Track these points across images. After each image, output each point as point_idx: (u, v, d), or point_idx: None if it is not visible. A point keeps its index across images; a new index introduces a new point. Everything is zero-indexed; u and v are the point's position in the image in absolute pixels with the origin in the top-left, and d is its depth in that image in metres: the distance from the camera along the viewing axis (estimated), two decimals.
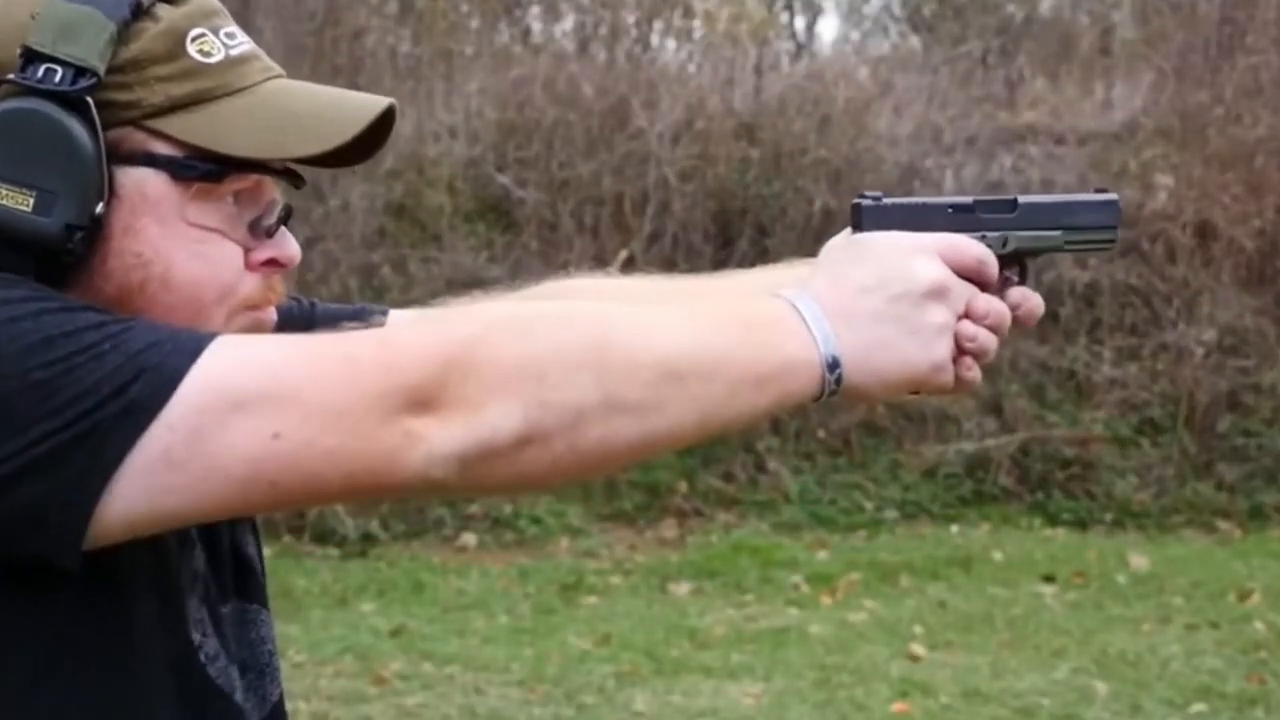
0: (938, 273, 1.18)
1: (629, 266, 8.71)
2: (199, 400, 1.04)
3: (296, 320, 1.36)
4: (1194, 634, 6.40)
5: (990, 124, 9.89)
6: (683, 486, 8.25)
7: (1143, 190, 9.64)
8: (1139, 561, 7.46)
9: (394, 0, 10.10)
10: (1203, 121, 9.59)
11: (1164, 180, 9.67)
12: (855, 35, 13.34)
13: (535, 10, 11.09)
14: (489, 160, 9.18)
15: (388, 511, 7.86)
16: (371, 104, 1.19)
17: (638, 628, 6.45)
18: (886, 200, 1.23)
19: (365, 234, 8.63)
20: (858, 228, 1.23)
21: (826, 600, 6.94)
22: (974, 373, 1.22)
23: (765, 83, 9.88)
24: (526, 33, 11.00)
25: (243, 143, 1.14)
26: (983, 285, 1.22)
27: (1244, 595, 6.91)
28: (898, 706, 5.51)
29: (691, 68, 10.45)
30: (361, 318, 1.42)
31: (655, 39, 10.60)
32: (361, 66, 9.40)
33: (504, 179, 9.04)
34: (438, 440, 1.06)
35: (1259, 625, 6.47)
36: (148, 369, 1.04)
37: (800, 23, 12.56)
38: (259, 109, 1.15)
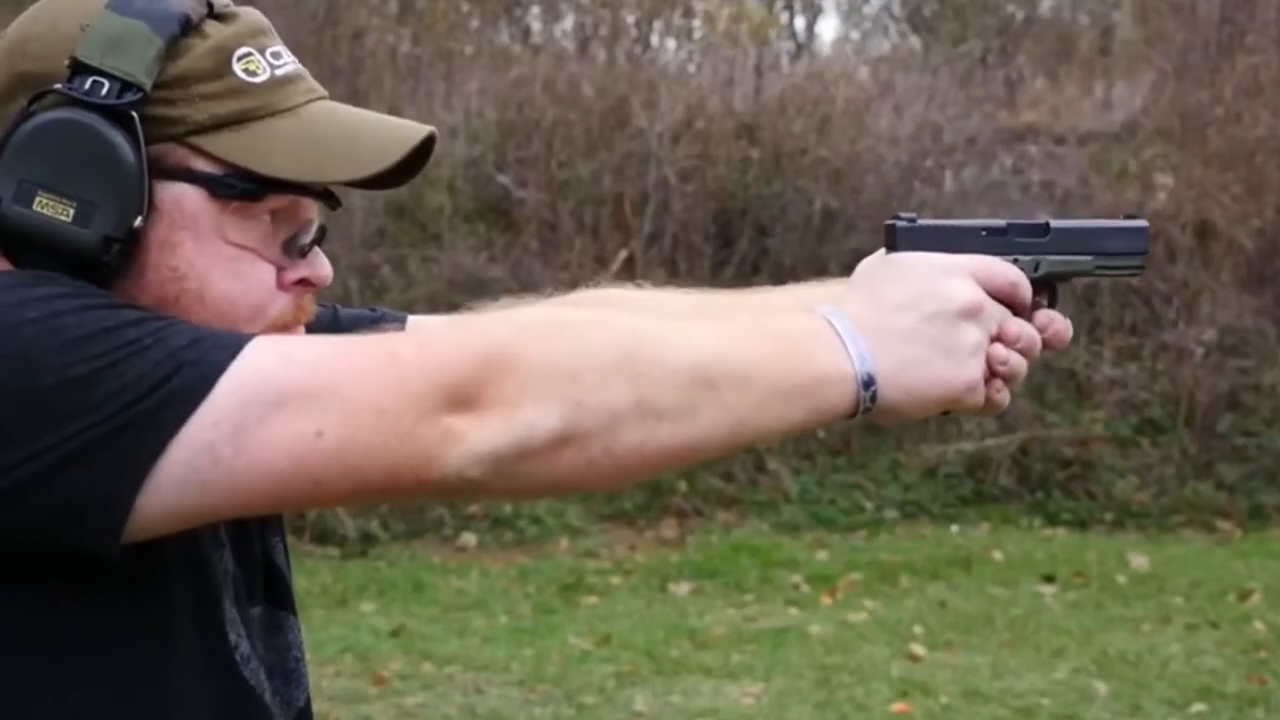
0: (972, 293, 1.19)
1: (629, 266, 8.71)
2: (241, 396, 1.05)
3: (321, 326, 1.37)
4: (1194, 634, 6.40)
5: (990, 124, 9.89)
6: (683, 486, 8.25)
7: (1143, 190, 9.64)
8: (1139, 561, 7.46)
9: (394, 0, 10.10)
10: (1203, 121, 9.59)
11: (1164, 180, 9.67)
12: (855, 35, 13.35)
13: (535, 10, 11.10)
14: (489, 160, 9.18)
15: (388, 511, 7.85)
16: (412, 131, 1.20)
17: (638, 628, 6.45)
18: (921, 222, 1.23)
19: (365, 234, 8.63)
20: (892, 248, 1.23)
21: (826, 600, 6.94)
22: (1004, 395, 1.22)
23: (765, 83, 9.88)
24: (526, 32, 11.00)
25: (283, 164, 1.15)
26: (1015, 308, 1.23)
27: (1244, 595, 6.91)
28: (898, 706, 5.51)
29: (691, 68, 10.45)
30: (382, 323, 1.44)
31: (655, 39, 10.60)
32: (361, 66, 9.40)
33: (504, 179, 9.04)
34: (476, 439, 1.07)
35: (1259, 625, 6.47)
36: (187, 364, 1.05)
37: (800, 23, 12.57)
38: (300, 131, 1.16)
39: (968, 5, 11.81)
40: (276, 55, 1.19)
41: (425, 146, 1.20)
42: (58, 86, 1.12)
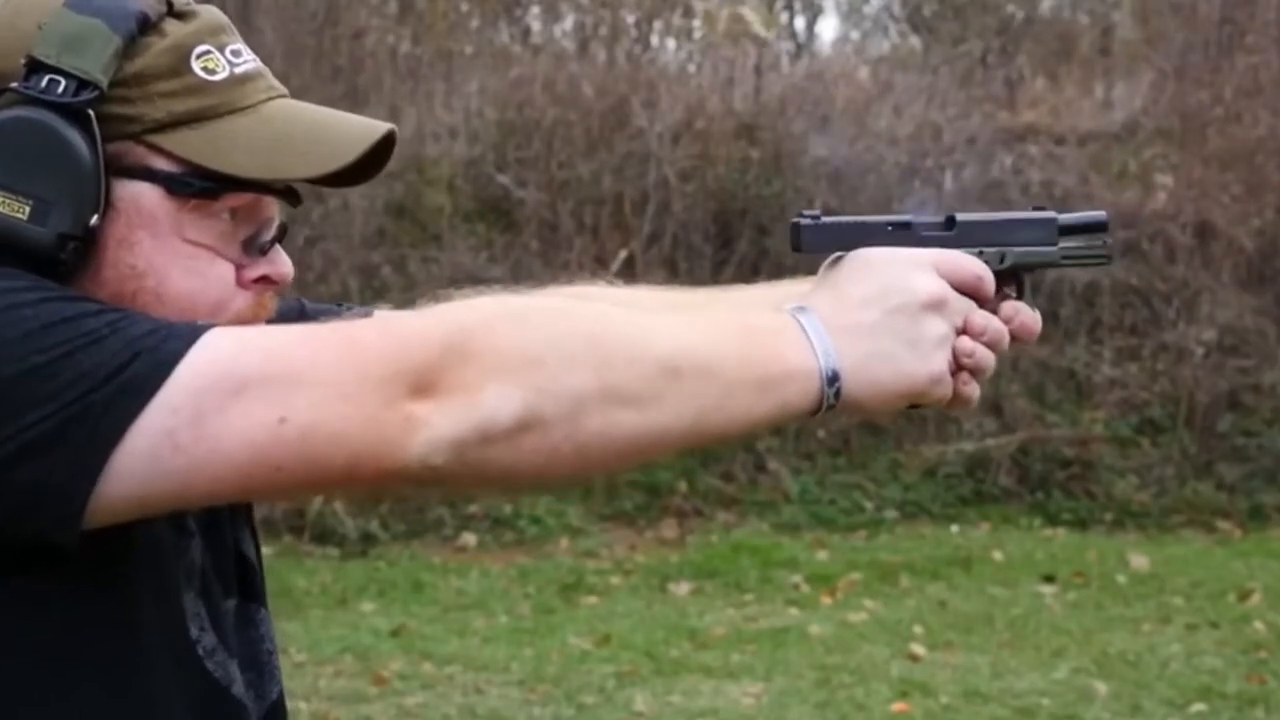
0: (936, 286, 1.19)
1: (629, 266, 8.71)
2: (199, 383, 1.05)
3: (289, 320, 1.36)
4: (1194, 634, 6.40)
5: (990, 124, 9.89)
6: (683, 486, 8.25)
7: (1143, 190, 9.64)
8: (1139, 561, 7.46)
9: (394, 0, 10.10)
10: (1203, 121, 9.59)
11: (1164, 180, 9.67)
12: (855, 35, 13.35)
13: (535, 10, 11.09)
14: (489, 160, 9.18)
15: (388, 511, 7.86)
16: (371, 129, 1.20)
17: (638, 628, 6.45)
18: (825, 219, 1.23)
19: (365, 234, 8.63)
20: (797, 248, 1.23)
21: (826, 600, 6.94)
22: (971, 388, 1.22)
23: (765, 83, 9.88)
24: (526, 32, 11.00)
25: (241, 162, 1.15)
26: (980, 301, 1.23)
27: (1244, 595, 6.91)
28: (898, 706, 5.51)
29: (691, 68, 10.45)
30: (349, 317, 1.42)
31: (655, 39, 10.60)
32: (361, 66, 9.40)
33: (504, 179, 9.04)
34: (438, 424, 1.07)
35: (1259, 625, 6.47)
36: (144, 351, 1.04)
37: (800, 23, 12.57)
38: (259, 129, 1.16)
39: (968, 5, 11.80)
40: (236, 53, 1.18)
41: (386, 144, 1.20)
42: (14, 85, 1.12)
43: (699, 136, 9.33)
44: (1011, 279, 1.28)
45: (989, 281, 1.24)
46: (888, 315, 1.17)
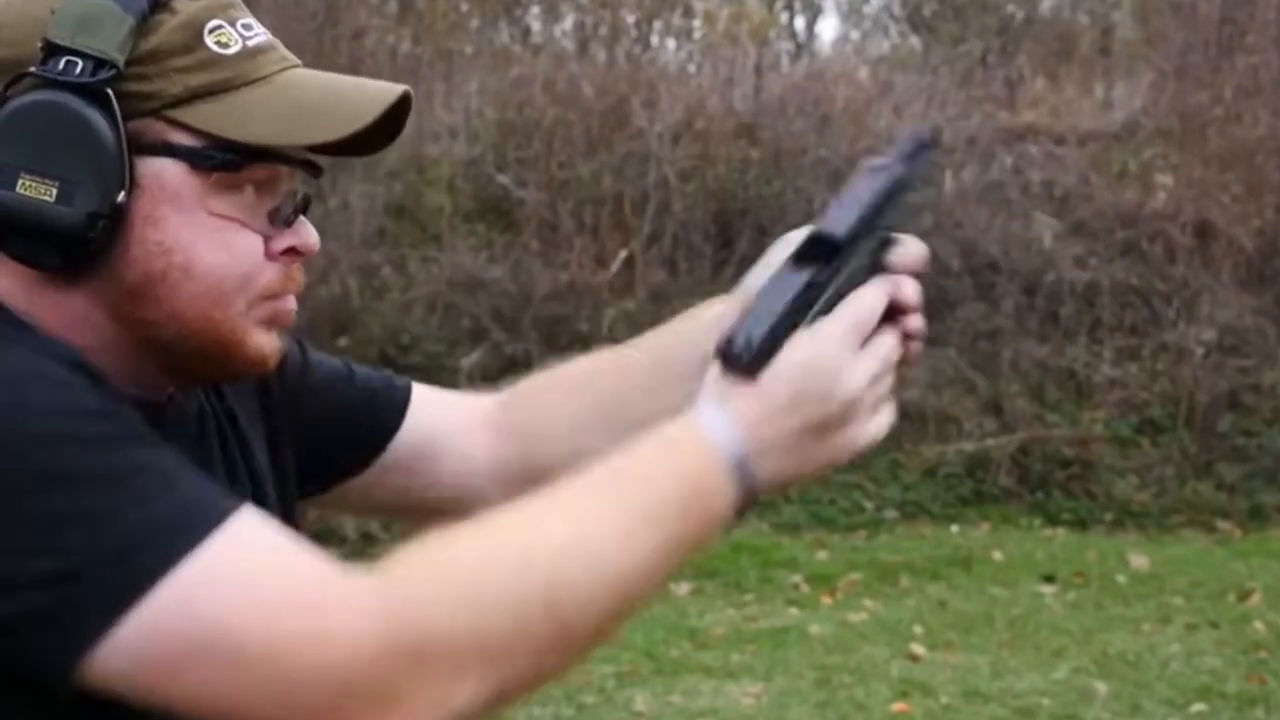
0: (860, 376, 1.14)
1: (629, 266, 8.71)
2: (161, 626, 1.00)
3: (293, 366, 1.37)
4: (1194, 634, 6.40)
5: (990, 124, 9.89)
6: None
7: (1143, 190, 9.64)
8: (1139, 561, 7.46)
9: (394, 0, 10.10)
10: (1203, 121, 9.59)
11: (1164, 180, 9.67)
12: (855, 35, 13.35)
13: (535, 10, 11.09)
14: (489, 160, 9.18)
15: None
16: (387, 91, 1.21)
17: (638, 628, 6.45)
18: (752, 343, 1.13)
19: (365, 234, 8.63)
20: (748, 373, 1.14)
21: (826, 600, 6.94)
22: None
23: (765, 83, 9.89)
24: (526, 32, 11.00)
25: (260, 131, 1.15)
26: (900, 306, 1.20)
27: (1244, 595, 6.91)
28: (898, 706, 5.51)
29: (691, 68, 10.46)
30: (390, 390, 1.43)
31: (655, 39, 10.61)
32: (361, 66, 9.39)
33: (504, 179, 9.05)
34: None
35: (1259, 625, 6.47)
36: (132, 551, 1.01)
37: (800, 23, 12.57)
38: (275, 98, 1.17)
39: (968, 5, 11.80)
40: (247, 26, 1.19)
41: (402, 107, 1.21)
42: (32, 69, 1.12)
43: (699, 136, 9.33)
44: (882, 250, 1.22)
45: (905, 291, 1.20)
46: (812, 431, 1.13)
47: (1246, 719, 5.44)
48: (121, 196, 1.12)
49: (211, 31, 1.16)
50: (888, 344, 1.17)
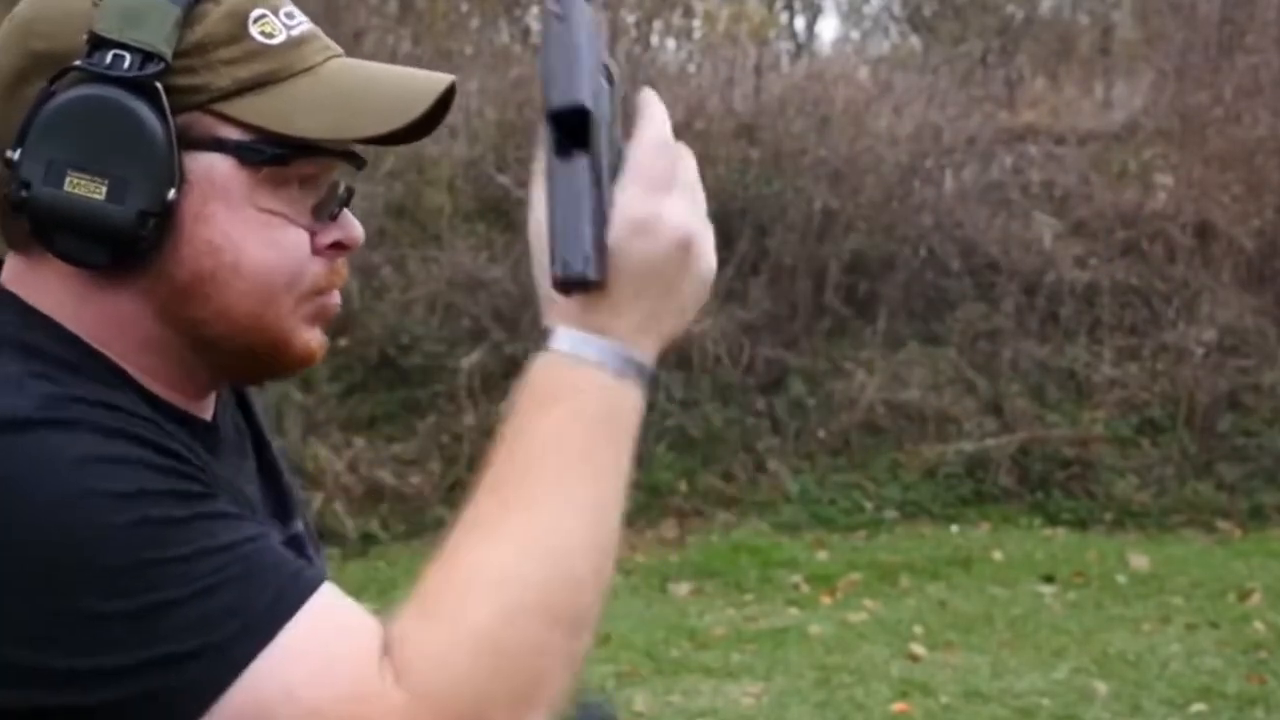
0: (683, 213, 1.11)
1: None
2: (256, 696, 1.01)
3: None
4: (1194, 634, 6.40)
5: (990, 124, 9.89)
6: (683, 486, 8.25)
7: (1143, 190, 9.64)
8: (1139, 561, 7.46)
9: (394, 0, 10.11)
10: (1203, 121, 9.59)
11: (1164, 180, 9.67)
12: (855, 35, 13.36)
13: (535, 10, 11.09)
14: (489, 160, 9.19)
15: (388, 511, 7.86)
16: (434, 82, 1.20)
17: (638, 628, 6.45)
18: (589, 256, 1.06)
19: (365, 234, 8.63)
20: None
21: (826, 600, 6.94)
22: None
23: (765, 83, 9.89)
24: (526, 32, 10.99)
25: (309, 124, 1.13)
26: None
27: (1244, 595, 6.91)
28: (898, 706, 5.51)
29: (691, 68, 10.46)
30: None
31: (655, 39, 10.61)
32: None
33: (504, 179, 9.05)
34: None
35: (1259, 625, 6.47)
36: (234, 634, 1.01)
37: (800, 23, 12.57)
38: (322, 89, 1.15)
39: (968, 5, 11.81)
40: (290, 15, 1.17)
41: (447, 97, 1.20)
42: (78, 63, 1.10)
43: (699, 136, 9.32)
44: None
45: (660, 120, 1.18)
46: (675, 283, 1.10)
47: (1246, 719, 5.44)
48: (172, 194, 1.10)
49: (256, 21, 1.14)
50: (690, 177, 1.14)
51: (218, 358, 1.17)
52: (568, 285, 1.06)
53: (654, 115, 1.16)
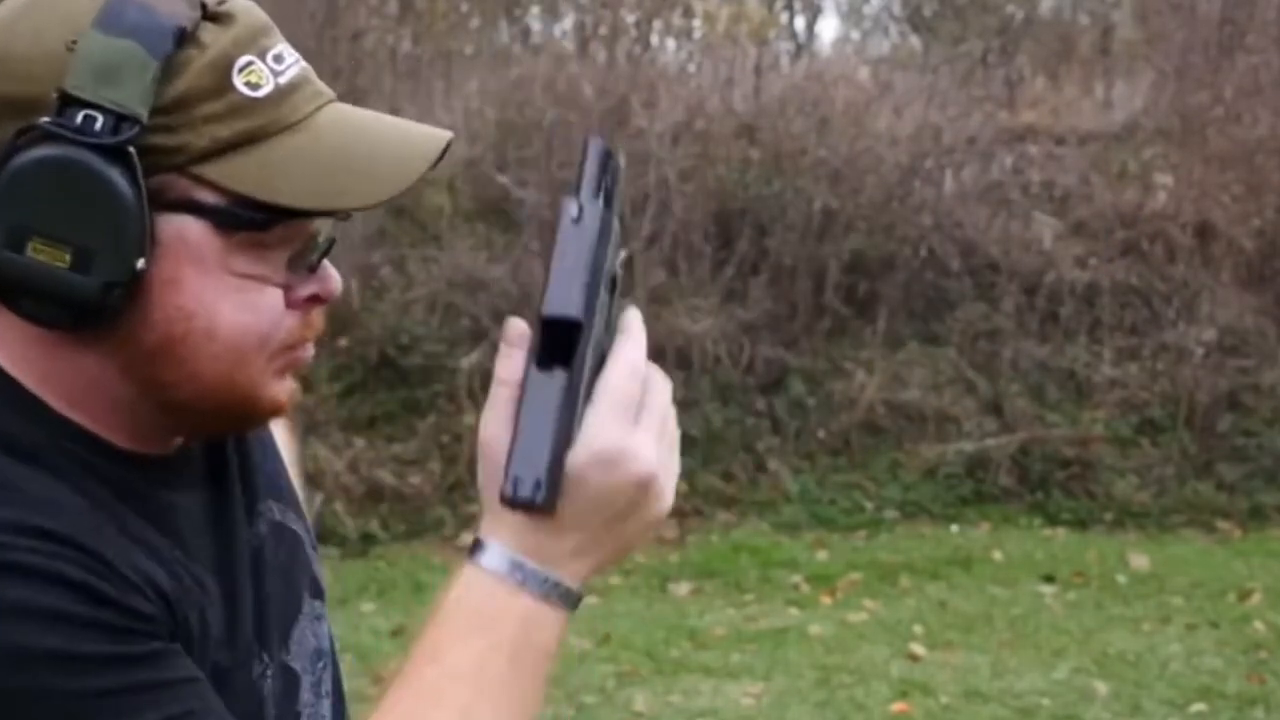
0: (648, 458, 1.07)
1: (629, 266, 8.70)
2: None
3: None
4: (1194, 634, 6.40)
5: (990, 124, 9.89)
6: (683, 486, 8.20)
7: (1143, 190, 9.65)
8: (1139, 561, 7.46)
9: (394, 0, 10.11)
10: (1203, 121, 9.59)
11: (1164, 180, 9.67)
12: (855, 35, 13.36)
13: (535, 10, 11.10)
14: (489, 160, 9.19)
15: (388, 512, 7.86)
16: (431, 142, 1.13)
17: (638, 628, 6.45)
18: (543, 481, 1.04)
19: (365, 234, 8.63)
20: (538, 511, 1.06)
21: (826, 600, 6.94)
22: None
23: (765, 83, 9.89)
24: (526, 32, 11.01)
25: (294, 190, 1.07)
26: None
27: (1244, 595, 6.91)
28: (898, 706, 5.51)
29: (691, 68, 10.46)
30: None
31: (655, 39, 10.61)
32: (361, 67, 9.40)
33: (504, 179, 9.05)
34: None
35: (1259, 625, 6.47)
36: None
37: (800, 23, 12.57)
38: (310, 150, 1.08)
39: (968, 5, 11.81)
40: (278, 59, 1.09)
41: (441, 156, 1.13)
42: (44, 120, 1.03)
43: (699, 136, 9.33)
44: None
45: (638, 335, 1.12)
46: (624, 515, 1.07)
47: (1246, 719, 5.44)
48: (141, 263, 1.04)
49: (241, 70, 1.07)
50: (661, 408, 1.09)
51: (187, 418, 1.12)
52: (514, 505, 1.03)
53: (634, 335, 1.09)
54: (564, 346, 1.04)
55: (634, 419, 1.06)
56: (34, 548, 1.00)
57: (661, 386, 1.09)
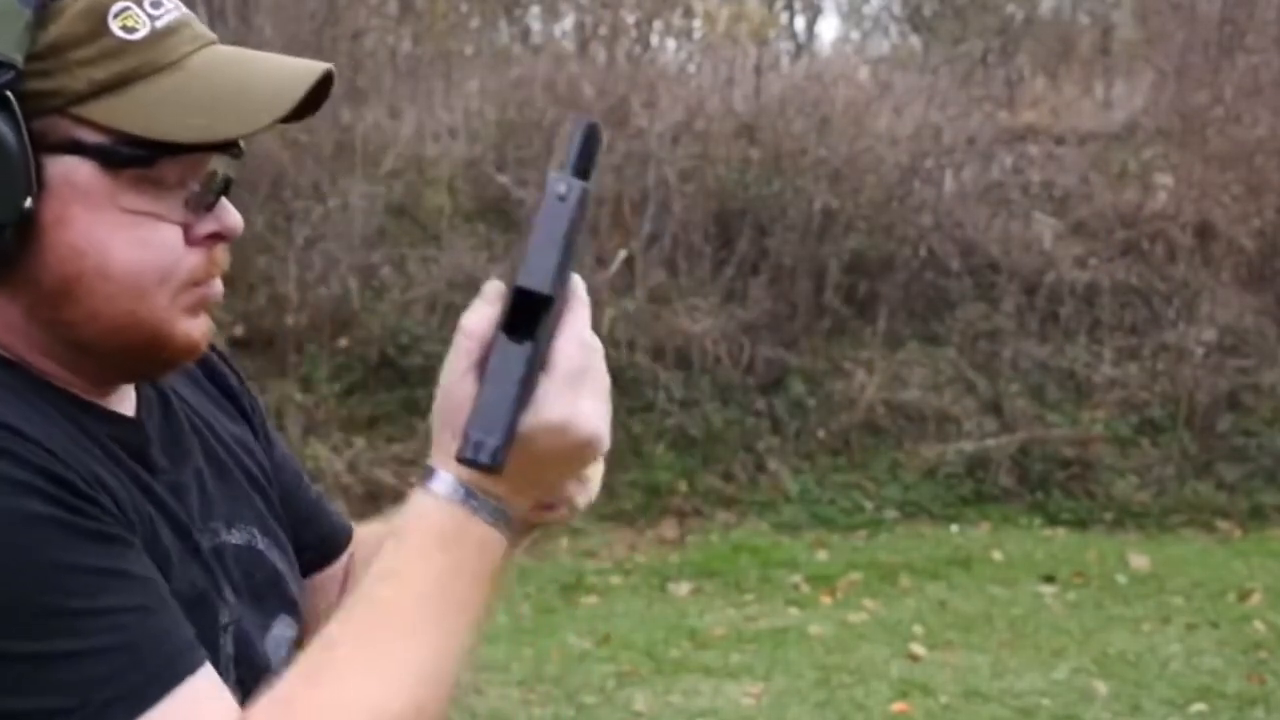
0: (590, 427, 1.12)
1: (629, 266, 8.71)
2: None
3: (253, 453, 1.34)
4: (1194, 634, 6.40)
5: (990, 124, 9.90)
6: (683, 486, 8.25)
7: (1143, 190, 9.65)
8: (1139, 561, 7.46)
9: (394, 0, 10.11)
10: (1203, 121, 9.60)
11: (1164, 180, 9.68)
12: (855, 35, 13.36)
13: (535, 10, 11.11)
14: (489, 160, 9.19)
15: (388, 511, 7.85)
16: (305, 73, 1.15)
17: (638, 628, 6.45)
18: (497, 447, 1.08)
19: (365, 234, 8.63)
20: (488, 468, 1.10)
21: (826, 600, 6.94)
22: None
23: (765, 83, 9.89)
24: (526, 32, 11.01)
25: (172, 126, 1.10)
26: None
27: (1244, 595, 6.91)
28: (898, 706, 5.51)
29: (691, 68, 10.46)
30: (319, 510, 1.41)
31: (655, 39, 10.61)
32: (361, 66, 9.40)
33: (504, 179, 9.05)
34: None
35: (1259, 625, 6.47)
36: (83, 711, 1.01)
37: (800, 23, 12.57)
38: (187, 87, 1.11)
39: (968, 5, 11.81)
40: (156, 4, 1.12)
41: (323, 85, 1.15)
42: None
43: (699, 136, 9.33)
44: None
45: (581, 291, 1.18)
46: (568, 472, 1.16)
47: (1246, 719, 5.44)
48: (29, 203, 1.07)
49: (117, 15, 1.10)
50: (601, 375, 1.14)
51: (99, 357, 1.15)
52: (468, 465, 1.07)
53: (580, 306, 1.15)
54: (532, 316, 1.09)
55: (580, 386, 1.12)
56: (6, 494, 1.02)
57: (598, 349, 1.15)
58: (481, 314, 1.11)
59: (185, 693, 1.03)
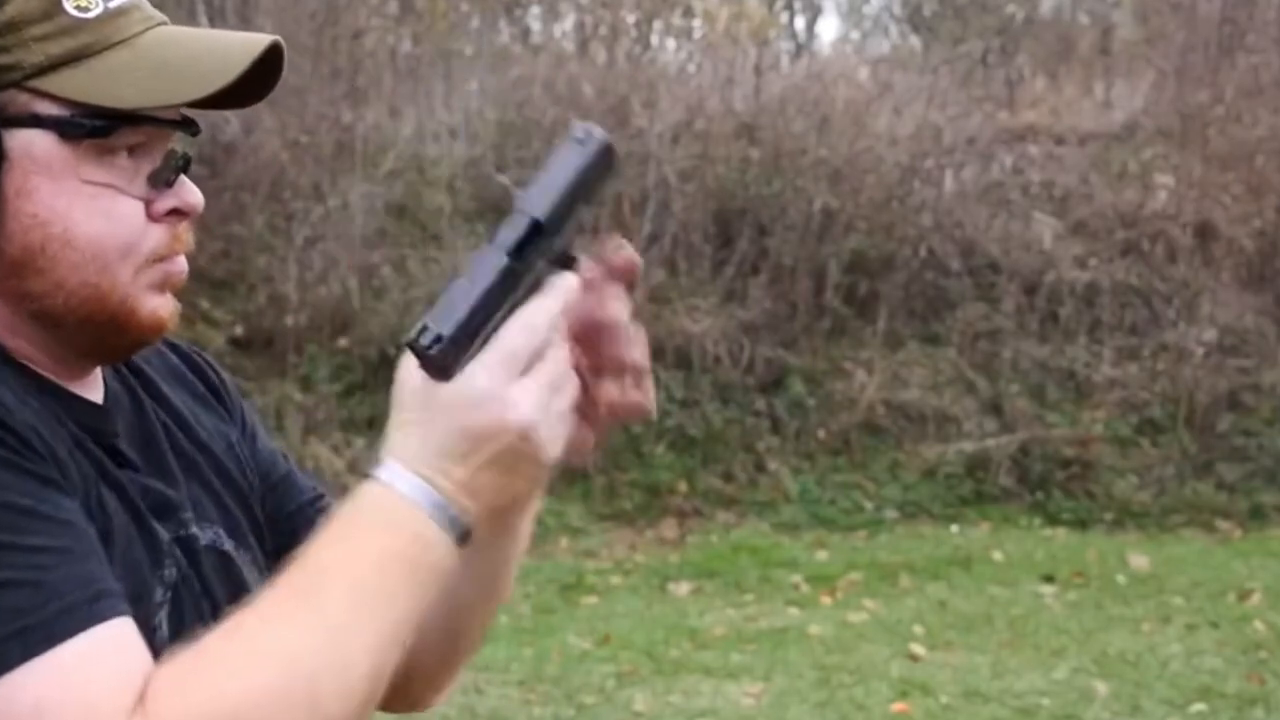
0: (531, 404, 1.11)
1: None
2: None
3: (233, 449, 1.34)
4: (1194, 634, 6.40)
5: (990, 124, 9.90)
6: (683, 486, 8.25)
7: (1143, 190, 9.65)
8: (1139, 561, 7.46)
9: (394, 0, 10.11)
10: (1203, 121, 9.60)
11: (1164, 180, 9.68)
12: (855, 35, 13.36)
13: (535, 10, 11.11)
14: (489, 160, 9.18)
15: None
16: (254, 43, 1.18)
17: (638, 628, 6.45)
18: (444, 335, 1.10)
19: (365, 234, 8.63)
20: (438, 375, 1.11)
21: (826, 600, 6.94)
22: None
23: (765, 83, 9.89)
24: (526, 33, 11.01)
25: (126, 94, 1.14)
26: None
27: (1244, 595, 6.91)
28: (898, 706, 5.51)
29: (691, 68, 10.46)
30: (318, 505, 1.40)
31: (655, 39, 10.61)
32: (361, 66, 9.40)
33: (504, 179, 9.05)
34: None
35: (1259, 625, 6.47)
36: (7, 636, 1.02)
37: (800, 23, 12.57)
38: (140, 60, 1.15)
39: (968, 5, 11.81)
40: None
41: (273, 59, 1.18)
42: None
43: (699, 136, 9.33)
44: (566, 263, 1.17)
45: (570, 300, 1.17)
46: (486, 467, 1.12)
47: (1246, 719, 5.44)
48: None
49: None
50: (554, 368, 1.13)
51: (64, 332, 1.17)
52: (413, 350, 1.09)
53: (548, 298, 1.15)
54: (525, 243, 1.12)
55: (515, 369, 1.12)
56: None
57: (555, 342, 1.14)
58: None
59: (93, 637, 1.03)
